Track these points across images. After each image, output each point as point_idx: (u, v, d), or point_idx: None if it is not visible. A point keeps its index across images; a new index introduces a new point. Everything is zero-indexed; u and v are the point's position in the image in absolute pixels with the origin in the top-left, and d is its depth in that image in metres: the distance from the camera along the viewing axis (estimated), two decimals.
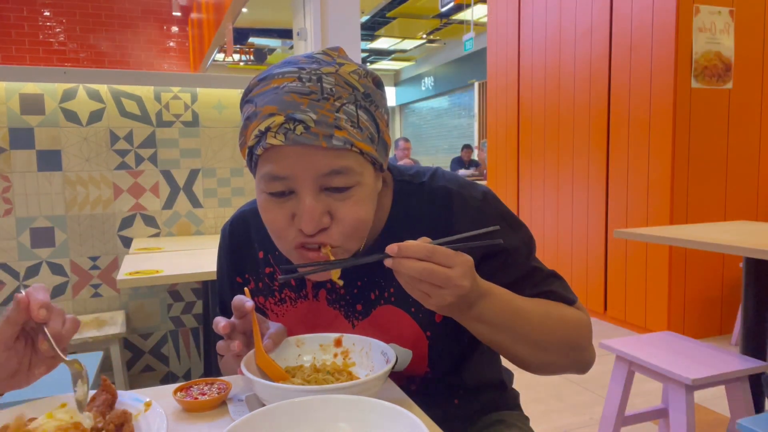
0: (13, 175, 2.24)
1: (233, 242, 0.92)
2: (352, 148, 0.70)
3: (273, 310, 0.90)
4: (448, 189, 0.84)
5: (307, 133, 0.67)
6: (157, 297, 2.48)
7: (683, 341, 1.97)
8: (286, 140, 0.68)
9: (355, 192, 0.73)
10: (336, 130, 0.69)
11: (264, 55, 14.03)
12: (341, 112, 0.69)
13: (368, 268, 0.83)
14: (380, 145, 0.76)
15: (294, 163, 0.69)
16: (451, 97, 15.53)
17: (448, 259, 0.66)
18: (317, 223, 0.71)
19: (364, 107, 0.72)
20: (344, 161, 0.70)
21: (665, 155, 3.39)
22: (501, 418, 0.97)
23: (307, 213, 0.70)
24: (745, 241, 1.75)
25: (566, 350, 0.82)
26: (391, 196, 0.85)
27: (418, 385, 0.89)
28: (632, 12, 3.58)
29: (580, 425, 2.45)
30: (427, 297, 0.67)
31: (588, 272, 4.11)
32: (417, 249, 0.65)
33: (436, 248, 0.66)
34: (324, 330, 0.86)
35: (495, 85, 5.17)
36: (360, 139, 0.71)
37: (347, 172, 0.71)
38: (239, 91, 2.55)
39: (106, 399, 0.70)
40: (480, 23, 9.97)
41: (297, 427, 0.60)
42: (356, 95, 0.72)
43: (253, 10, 9.08)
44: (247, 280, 0.91)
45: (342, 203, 0.72)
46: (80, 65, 8.70)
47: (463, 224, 0.81)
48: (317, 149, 0.69)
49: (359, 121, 0.71)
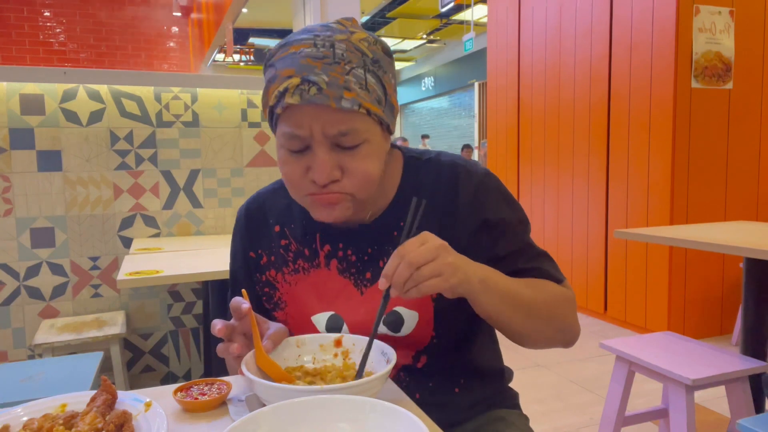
0: (13, 175, 2.24)
1: (248, 221, 0.98)
2: (359, 109, 0.77)
3: (286, 280, 0.94)
4: (454, 163, 0.91)
5: (319, 93, 0.74)
6: (158, 297, 2.48)
7: (683, 341, 1.97)
8: (302, 100, 0.75)
9: (363, 148, 0.79)
10: (345, 92, 0.75)
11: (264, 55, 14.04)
12: (351, 75, 0.76)
13: (378, 239, 0.89)
14: (387, 108, 0.82)
15: (308, 121, 0.77)
16: (451, 98, 15.54)
17: (415, 241, 0.73)
18: (328, 175, 0.78)
19: (372, 71, 0.79)
20: (352, 122, 0.77)
21: (665, 155, 3.39)
22: (501, 416, 0.98)
23: (319, 166, 0.78)
24: (745, 241, 1.75)
25: (555, 323, 0.88)
26: (401, 170, 0.92)
27: (424, 363, 0.91)
28: (632, 12, 3.59)
29: (580, 425, 2.45)
30: (438, 277, 0.72)
31: (588, 272, 4.11)
32: (392, 261, 0.72)
33: (402, 245, 0.73)
34: (333, 297, 0.91)
35: (495, 85, 5.17)
36: (368, 100, 0.78)
37: (355, 132, 0.78)
38: (239, 91, 2.55)
39: (106, 399, 0.70)
40: (480, 23, 9.98)
41: (297, 428, 0.60)
42: (365, 60, 0.78)
43: (253, 10, 9.09)
44: (260, 255, 0.96)
45: (351, 158, 0.79)
46: (80, 65, 8.71)
47: (466, 194, 0.88)
48: (328, 109, 0.76)
49: (367, 84, 0.77)
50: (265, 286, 0.96)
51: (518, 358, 3.20)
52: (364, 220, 0.90)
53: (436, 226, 0.86)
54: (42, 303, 2.31)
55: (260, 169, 2.61)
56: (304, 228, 0.93)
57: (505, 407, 1.01)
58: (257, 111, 2.58)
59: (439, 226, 0.87)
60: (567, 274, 4.29)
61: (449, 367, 0.94)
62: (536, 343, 0.89)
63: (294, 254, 0.93)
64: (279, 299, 0.95)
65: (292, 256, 0.94)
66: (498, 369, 1.03)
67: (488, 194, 0.88)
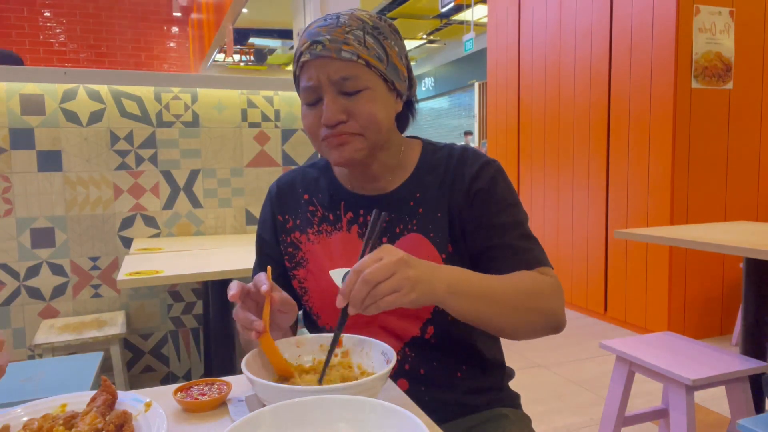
0: (13, 175, 2.24)
1: (279, 191, 1.09)
2: (358, 60, 0.89)
3: (310, 239, 1.04)
4: (466, 148, 1.02)
5: (323, 49, 0.89)
6: (158, 297, 2.48)
7: (683, 341, 1.97)
8: (311, 56, 0.91)
9: (365, 94, 0.91)
10: (344, 45, 0.89)
11: (264, 55, 14.03)
12: (350, 34, 0.90)
13: (396, 207, 0.99)
14: (390, 67, 0.94)
15: (316, 73, 0.91)
16: (451, 98, 15.54)
17: (372, 257, 0.75)
18: (335, 116, 0.90)
19: (372, 34, 0.92)
20: (353, 70, 0.90)
21: (665, 155, 3.39)
22: (504, 414, 1.00)
23: (327, 108, 0.90)
24: (745, 241, 1.75)
25: (537, 311, 0.90)
26: (420, 153, 1.04)
27: (431, 334, 0.95)
28: (632, 12, 3.59)
29: (580, 425, 2.45)
30: (397, 292, 0.73)
31: (588, 272, 4.11)
32: (349, 278, 0.74)
33: (360, 262, 0.74)
34: (351, 257, 0.98)
35: (495, 85, 5.17)
36: (365, 53, 0.90)
37: (356, 78, 0.90)
38: (239, 91, 2.55)
39: (106, 399, 0.70)
40: (480, 23, 9.98)
41: (297, 428, 0.60)
42: (365, 26, 0.92)
43: (253, 10, 9.09)
44: (287, 219, 1.07)
45: (355, 103, 0.91)
46: (80, 66, 8.71)
47: (473, 169, 0.97)
48: (331, 59, 0.90)
49: (365, 42, 0.91)
50: (289, 246, 1.05)
51: (518, 358, 3.20)
52: (385, 189, 1.00)
53: (447, 197, 0.97)
54: (42, 303, 2.31)
55: (260, 169, 2.61)
56: (330, 197, 1.04)
57: (507, 406, 1.03)
58: (257, 111, 2.59)
59: (449, 196, 0.97)
60: (567, 274, 4.29)
61: (453, 345, 0.97)
62: (523, 334, 0.91)
63: (319, 219, 1.04)
64: (301, 258, 1.04)
65: (317, 220, 1.04)
66: (498, 362, 1.06)
67: (492, 171, 0.98)
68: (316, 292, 1.01)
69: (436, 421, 0.71)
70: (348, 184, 1.04)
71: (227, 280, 1.72)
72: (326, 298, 0.99)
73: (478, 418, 0.98)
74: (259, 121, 2.59)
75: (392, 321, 0.96)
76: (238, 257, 1.89)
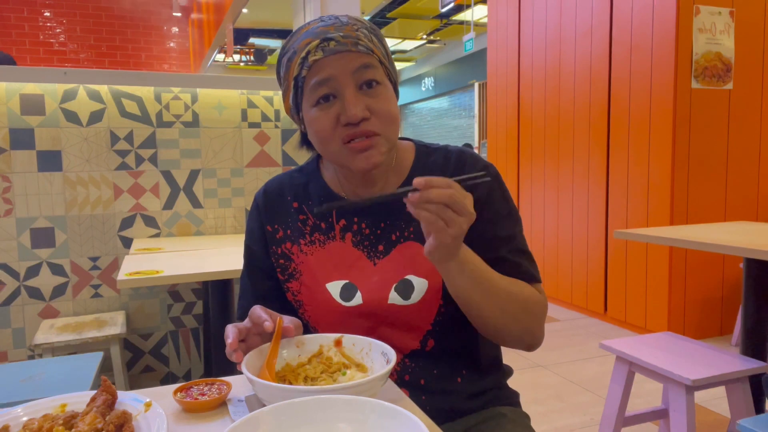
0: (13, 175, 2.24)
1: (266, 199, 1.04)
2: (372, 53, 0.88)
3: (302, 251, 1.00)
4: (462, 150, 1.00)
5: (338, 45, 0.86)
6: (158, 297, 2.48)
7: (683, 341, 1.97)
8: (324, 53, 0.86)
9: (382, 91, 0.89)
10: (359, 40, 0.87)
11: (264, 55, 14.03)
12: (359, 32, 0.88)
13: (391, 213, 0.96)
14: (392, 67, 0.94)
15: (333, 67, 0.86)
16: (451, 98, 15.53)
17: (462, 190, 0.76)
18: (361, 110, 0.86)
19: (374, 34, 0.91)
20: (370, 59, 0.88)
21: (665, 155, 3.39)
22: (503, 412, 1.00)
23: (351, 102, 0.86)
24: (745, 242, 1.75)
25: (524, 322, 0.91)
26: (413, 156, 1.01)
27: (431, 347, 0.95)
28: (632, 12, 3.59)
29: (580, 425, 2.45)
30: (445, 228, 0.75)
31: (588, 273, 4.11)
32: (441, 180, 0.75)
33: (462, 188, 0.77)
34: (347, 268, 0.96)
35: (495, 85, 5.17)
36: (376, 50, 0.89)
37: (374, 66, 0.88)
38: (239, 91, 2.55)
39: (106, 399, 0.70)
40: (480, 24, 9.98)
41: (297, 428, 0.60)
42: (366, 25, 0.91)
43: (253, 10, 9.09)
44: (276, 229, 1.02)
45: (375, 100, 0.88)
46: (80, 66, 8.71)
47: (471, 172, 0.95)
48: (349, 52, 0.86)
49: (372, 40, 0.89)
50: (280, 258, 1.01)
51: (518, 359, 3.20)
52: None
53: None
54: (42, 303, 2.31)
55: (260, 170, 2.61)
56: (321, 204, 0.99)
57: (506, 405, 1.03)
58: (257, 111, 2.58)
59: None
60: (567, 274, 4.29)
61: (453, 354, 0.97)
62: (503, 338, 0.92)
63: (311, 228, 1.00)
64: (294, 269, 1.00)
65: (309, 229, 1.00)
66: (497, 361, 1.06)
67: (490, 178, 0.95)
68: (311, 305, 0.98)
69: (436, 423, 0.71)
70: (340, 189, 0.99)
71: (227, 280, 1.72)
72: (322, 311, 0.96)
73: (477, 417, 0.98)
74: (259, 121, 2.59)
75: (392, 334, 0.95)
76: (238, 257, 1.87)
